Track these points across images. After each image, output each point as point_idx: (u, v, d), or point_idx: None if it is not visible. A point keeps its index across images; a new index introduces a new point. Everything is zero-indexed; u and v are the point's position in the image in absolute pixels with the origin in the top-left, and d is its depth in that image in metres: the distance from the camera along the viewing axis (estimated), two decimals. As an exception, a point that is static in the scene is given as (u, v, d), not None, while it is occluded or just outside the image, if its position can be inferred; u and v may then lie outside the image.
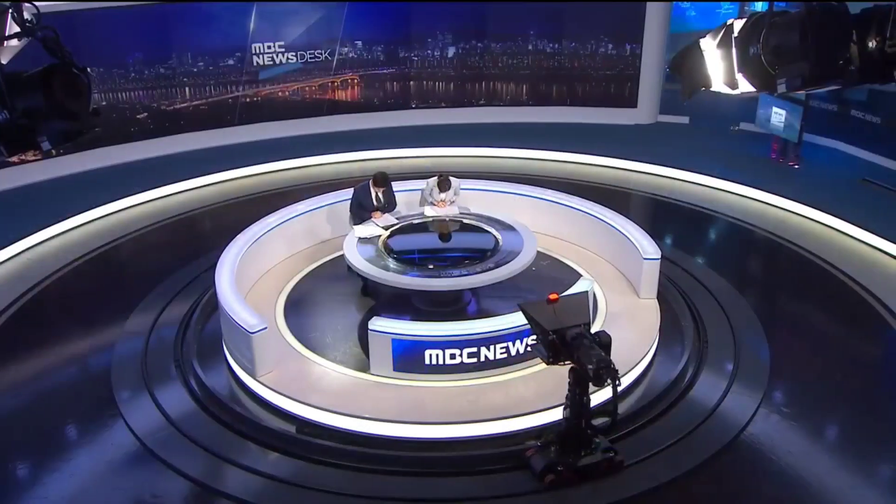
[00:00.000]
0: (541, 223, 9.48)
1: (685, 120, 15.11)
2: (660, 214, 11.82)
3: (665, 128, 15.09)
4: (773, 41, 3.55)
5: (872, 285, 9.14)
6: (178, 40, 13.49)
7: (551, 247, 9.44)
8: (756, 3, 14.08)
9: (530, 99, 15.56)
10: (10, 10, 3.68)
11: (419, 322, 7.38)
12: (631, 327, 7.89)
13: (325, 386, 7.01)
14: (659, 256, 8.27)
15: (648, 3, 14.45)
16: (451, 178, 9.20)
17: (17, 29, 3.70)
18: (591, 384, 5.58)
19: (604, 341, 5.62)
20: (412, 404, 6.80)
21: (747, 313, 8.50)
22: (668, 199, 12.02)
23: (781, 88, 3.48)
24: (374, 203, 8.77)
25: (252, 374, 7.08)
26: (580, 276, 8.64)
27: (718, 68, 3.89)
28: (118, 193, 11.83)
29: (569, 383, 5.90)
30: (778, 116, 12.62)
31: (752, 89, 3.80)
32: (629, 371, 7.21)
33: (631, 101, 15.25)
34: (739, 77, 3.79)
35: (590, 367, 5.38)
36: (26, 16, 3.66)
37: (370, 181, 8.78)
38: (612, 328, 7.73)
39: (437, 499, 6.08)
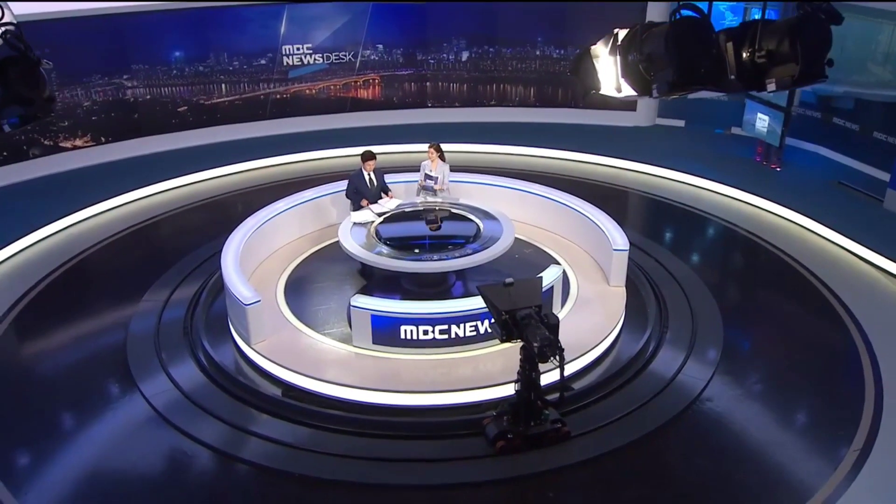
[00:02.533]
0: (528, 215, 9.54)
1: (681, 123, 14.90)
2: (647, 210, 11.72)
3: (662, 130, 14.87)
4: (646, 49, 3.57)
5: (832, 282, 8.99)
6: (215, 41, 13.71)
7: (535, 236, 9.46)
8: (756, 9, 13.60)
9: (537, 101, 15.46)
10: None
11: (397, 300, 7.50)
12: (599, 311, 7.91)
13: (312, 355, 7.17)
14: (627, 248, 8.25)
15: (648, 11, 14.19)
16: (441, 161, 9.17)
17: None
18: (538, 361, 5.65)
19: (551, 322, 5.67)
20: (389, 374, 6.93)
21: (710, 302, 8.44)
22: (657, 197, 11.88)
23: (655, 93, 3.50)
24: (368, 186, 8.85)
25: (247, 342, 7.28)
26: (556, 262, 8.67)
27: (607, 73, 3.90)
28: (158, 177, 12.11)
29: (520, 360, 5.98)
30: (762, 122, 12.39)
31: (633, 93, 3.81)
32: (590, 350, 7.26)
33: (631, 105, 15.05)
34: (623, 82, 3.81)
35: (535, 344, 5.45)
36: None
37: (362, 164, 8.86)
38: (582, 312, 7.82)
39: (400, 459, 6.19)
